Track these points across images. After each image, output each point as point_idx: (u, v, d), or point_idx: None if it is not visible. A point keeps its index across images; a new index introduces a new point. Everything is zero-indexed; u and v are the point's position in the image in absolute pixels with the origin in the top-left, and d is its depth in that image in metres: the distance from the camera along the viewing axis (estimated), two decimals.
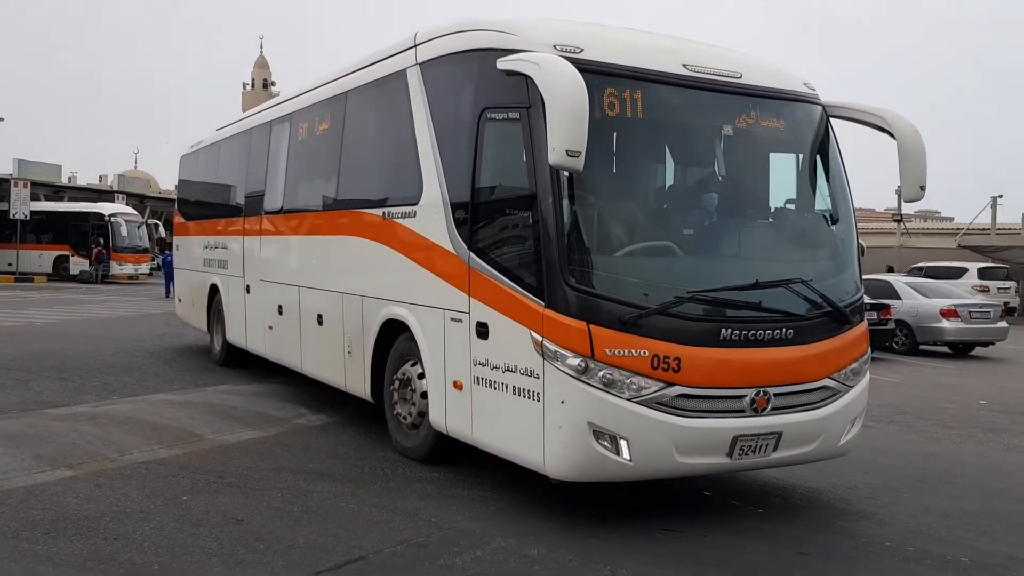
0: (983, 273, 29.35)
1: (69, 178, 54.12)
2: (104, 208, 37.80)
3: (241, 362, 11.36)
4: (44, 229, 36.37)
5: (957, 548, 5.35)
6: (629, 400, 5.12)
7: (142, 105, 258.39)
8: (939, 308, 17.54)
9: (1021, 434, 9.41)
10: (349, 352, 7.79)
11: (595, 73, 5.26)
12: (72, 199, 41.53)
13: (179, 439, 7.44)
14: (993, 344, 18.45)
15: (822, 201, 6.29)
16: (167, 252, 30.01)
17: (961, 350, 18.35)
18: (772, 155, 6.33)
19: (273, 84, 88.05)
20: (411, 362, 6.83)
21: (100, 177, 65.68)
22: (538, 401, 5.25)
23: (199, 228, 13.09)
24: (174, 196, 16.06)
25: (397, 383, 7.00)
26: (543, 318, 5.21)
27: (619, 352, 5.10)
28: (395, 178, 7.24)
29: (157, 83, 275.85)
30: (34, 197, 36.22)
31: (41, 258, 36.06)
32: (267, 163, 10.17)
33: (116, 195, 45.51)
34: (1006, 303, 24.44)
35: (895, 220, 40.94)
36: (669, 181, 6.34)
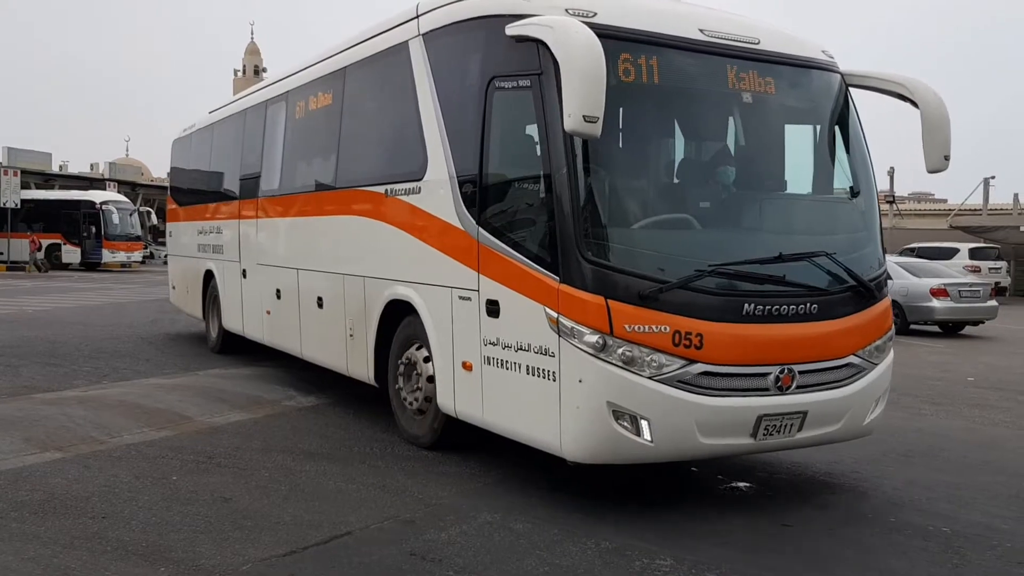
0: (975, 253, 29.39)
1: (60, 166, 53.96)
2: (95, 196, 37.69)
3: (238, 349, 11.28)
4: (35, 218, 36.21)
5: (939, 519, 5.41)
6: (650, 378, 4.91)
7: (133, 93, 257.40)
8: (929, 287, 17.60)
9: (1007, 410, 9.48)
10: (351, 335, 7.60)
11: (609, 38, 4.96)
12: (63, 187, 41.44)
13: (169, 421, 7.47)
14: (983, 323, 18.54)
15: (842, 172, 6.10)
16: None
17: (951, 329, 18.43)
18: (791, 124, 6.12)
19: (264, 71, 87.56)
20: (416, 345, 6.62)
21: (91, 165, 65.19)
22: (554, 381, 5.04)
23: (193, 213, 12.97)
24: (166, 184, 15.97)
25: (402, 367, 6.80)
26: (558, 293, 5.00)
27: (639, 328, 4.89)
28: (398, 154, 7.04)
29: (148, 71, 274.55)
30: (24, 186, 36.16)
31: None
32: (263, 144, 10.00)
33: (107, 183, 45.38)
34: (997, 283, 24.51)
35: (888, 202, 40.84)
36: (686, 150, 6.14)
